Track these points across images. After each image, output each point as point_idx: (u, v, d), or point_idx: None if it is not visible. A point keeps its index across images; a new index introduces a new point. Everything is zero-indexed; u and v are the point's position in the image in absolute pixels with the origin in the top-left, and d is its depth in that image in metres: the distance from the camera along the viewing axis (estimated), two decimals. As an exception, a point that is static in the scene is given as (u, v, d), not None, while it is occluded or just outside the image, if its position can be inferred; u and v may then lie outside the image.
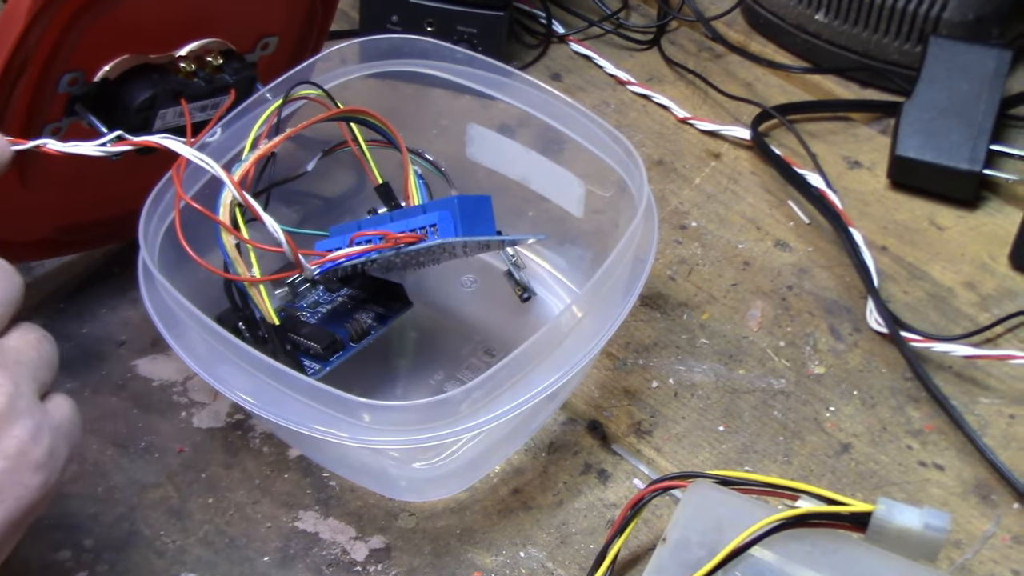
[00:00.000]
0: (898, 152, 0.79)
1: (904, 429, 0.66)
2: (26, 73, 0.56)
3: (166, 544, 0.59)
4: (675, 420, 0.66)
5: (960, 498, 0.63)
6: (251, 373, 0.54)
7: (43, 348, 0.48)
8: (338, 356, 0.62)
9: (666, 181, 0.80)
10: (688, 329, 0.71)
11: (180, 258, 0.58)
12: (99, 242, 0.71)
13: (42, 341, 0.48)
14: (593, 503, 0.62)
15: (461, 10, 0.84)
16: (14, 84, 0.56)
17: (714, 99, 0.87)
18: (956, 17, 0.84)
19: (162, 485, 0.62)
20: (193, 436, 0.64)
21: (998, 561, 0.60)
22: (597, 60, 0.89)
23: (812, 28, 0.89)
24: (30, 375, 0.46)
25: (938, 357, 0.69)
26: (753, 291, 0.73)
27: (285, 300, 0.65)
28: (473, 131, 0.71)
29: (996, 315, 0.72)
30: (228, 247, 0.57)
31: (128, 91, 0.61)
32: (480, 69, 0.67)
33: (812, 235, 0.77)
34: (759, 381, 0.68)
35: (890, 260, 0.76)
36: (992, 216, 0.79)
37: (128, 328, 0.69)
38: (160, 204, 0.60)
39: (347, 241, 0.60)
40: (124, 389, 0.66)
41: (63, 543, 0.59)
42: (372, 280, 0.66)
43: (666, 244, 0.76)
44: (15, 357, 0.46)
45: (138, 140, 0.56)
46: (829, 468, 0.64)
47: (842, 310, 0.72)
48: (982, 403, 0.67)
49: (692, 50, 0.92)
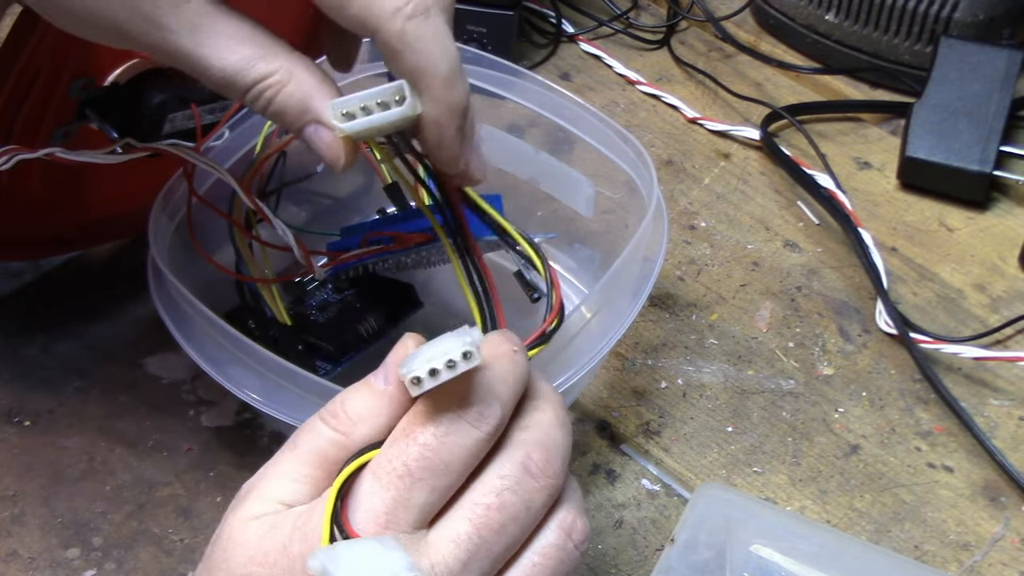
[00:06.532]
0: (908, 153, 0.79)
1: (913, 431, 0.66)
2: (38, 78, 0.56)
3: (174, 542, 0.59)
4: (683, 420, 0.66)
5: (969, 500, 0.63)
6: (260, 372, 0.54)
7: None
8: (349, 356, 0.62)
9: (675, 181, 0.80)
10: (697, 329, 0.71)
11: (189, 256, 0.58)
12: (107, 239, 0.72)
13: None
14: (601, 503, 0.62)
15: (471, 9, 0.84)
16: (27, 89, 0.56)
17: (724, 99, 0.87)
18: (967, 18, 0.83)
19: (170, 483, 0.62)
20: (202, 435, 0.64)
21: (1007, 564, 0.60)
22: (607, 60, 0.89)
23: (822, 28, 0.89)
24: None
25: (947, 359, 0.69)
26: (762, 292, 0.73)
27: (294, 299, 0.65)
28: (482, 131, 0.71)
29: (1006, 316, 0.71)
30: (241, 247, 0.57)
31: (138, 96, 0.61)
32: (489, 69, 0.67)
33: (821, 236, 0.77)
34: (768, 382, 0.68)
35: (899, 261, 0.76)
36: (1002, 217, 0.79)
37: (137, 326, 0.69)
38: (169, 202, 0.60)
39: (359, 242, 0.60)
40: (133, 387, 0.66)
41: (72, 541, 0.59)
42: (381, 280, 0.66)
43: (675, 244, 0.76)
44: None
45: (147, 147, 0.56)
46: (838, 469, 0.64)
47: (851, 311, 0.72)
48: (991, 405, 0.67)
49: (702, 50, 0.92)
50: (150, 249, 0.57)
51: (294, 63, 0.44)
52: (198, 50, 0.44)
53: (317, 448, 0.42)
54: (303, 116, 0.44)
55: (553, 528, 0.42)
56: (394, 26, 0.42)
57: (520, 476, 0.41)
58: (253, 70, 0.44)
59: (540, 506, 0.42)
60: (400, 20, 0.42)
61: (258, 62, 0.44)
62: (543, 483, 0.42)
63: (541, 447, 0.42)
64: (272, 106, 0.44)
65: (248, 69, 0.44)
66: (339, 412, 0.42)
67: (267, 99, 0.44)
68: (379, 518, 0.40)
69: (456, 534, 0.40)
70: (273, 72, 0.44)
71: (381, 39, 0.42)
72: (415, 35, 0.42)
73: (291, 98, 0.44)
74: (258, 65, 0.44)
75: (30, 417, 0.64)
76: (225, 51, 0.44)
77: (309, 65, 0.45)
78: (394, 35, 0.42)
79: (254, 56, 0.44)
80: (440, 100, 0.43)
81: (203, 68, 0.44)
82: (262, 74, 0.44)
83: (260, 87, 0.44)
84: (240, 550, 0.41)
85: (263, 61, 0.44)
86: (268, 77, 0.44)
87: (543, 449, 0.42)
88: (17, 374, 0.66)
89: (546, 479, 0.42)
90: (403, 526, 0.40)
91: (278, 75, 0.44)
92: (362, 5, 0.42)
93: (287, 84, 0.44)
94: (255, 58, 0.44)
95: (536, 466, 0.42)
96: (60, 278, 0.71)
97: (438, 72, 0.43)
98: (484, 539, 0.40)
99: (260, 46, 0.44)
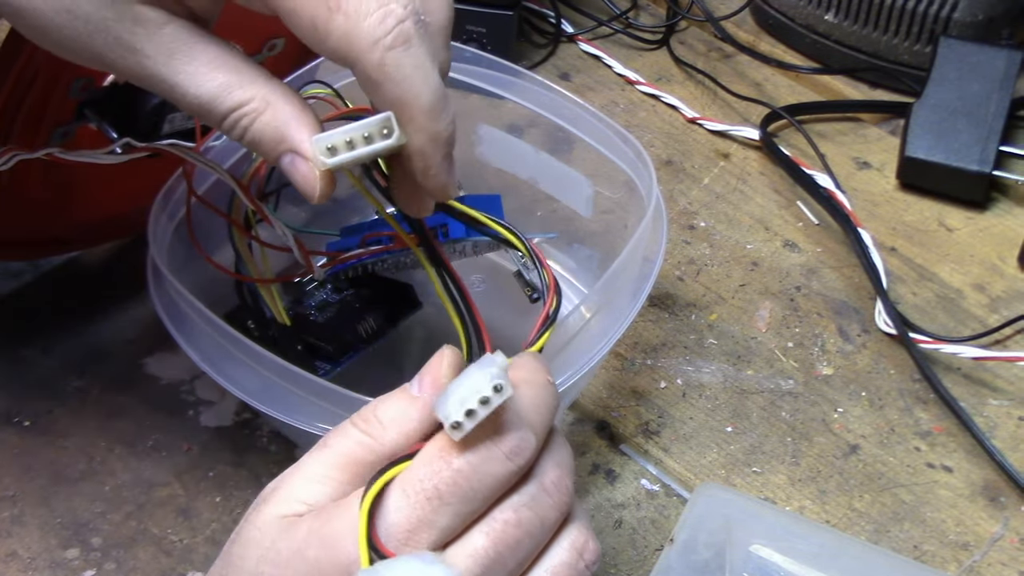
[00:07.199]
0: (907, 153, 0.79)
1: (912, 431, 0.66)
2: (38, 79, 0.56)
3: (173, 543, 0.59)
4: (683, 421, 0.66)
5: (968, 500, 0.63)
6: (259, 372, 0.54)
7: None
8: (349, 356, 0.62)
9: (675, 181, 0.80)
10: (696, 329, 0.71)
11: (188, 256, 0.58)
12: (106, 239, 0.71)
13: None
14: (601, 503, 0.62)
15: (470, 9, 0.84)
16: (26, 90, 0.56)
17: (723, 99, 0.87)
18: (966, 18, 0.83)
19: (170, 484, 0.62)
20: (201, 435, 0.64)
21: (1006, 563, 0.60)
22: (606, 60, 0.89)
23: (822, 28, 0.89)
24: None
25: (947, 359, 0.69)
26: (761, 292, 0.73)
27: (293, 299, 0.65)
28: (482, 131, 0.71)
29: (1005, 316, 0.71)
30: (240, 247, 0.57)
31: (137, 96, 0.61)
32: (489, 68, 0.67)
33: (821, 236, 0.77)
34: (767, 382, 0.68)
35: (899, 261, 0.76)
36: (1001, 217, 0.79)
37: (136, 326, 0.69)
38: (169, 203, 0.60)
39: (358, 242, 0.60)
40: (132, 387, 0.66)
41: (71, 541, 0.59)
42: (380, 280, 0.65)
43: (674, 244, 0.76)
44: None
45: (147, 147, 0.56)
46: (837, 469, 0.64)
47: (851, 311, 0.72)
48: (991, 405, 0.67)
49: (701, 50, 0.92)
50: (150, 249, 0.57)
51: (271, 91, 0.44)
52: (174, 77, 0.43)
53: (345, 450, 0.42)
54: (279, 146, 0.44)
55: (566, 547, 0.42)
56: (373, 58, 0.41)
57: (536, 492, 0.41)
58: (229, 98, 0.43)
59: (552, 523, 0.42)
60: (379, 51, 0.41)
61: (234, 90, 0.43)
62: (557, 500, 0.42)
63: (555, 464, 0.42)
64: (248, 135, 0.44)
65: (224, 97, 0.43)
66: (370, 417, 0.42)
67: (243, 127, 0.44)
68: (401, 535, 0.39)
69: (474, 548, 0.40)
70: (249, 100, 0.44)
71: (361, 71, 0.42)
72: (395, 66, 0.41)
73: (267, 127, 0.44)
74: (234, 93, 0.43)
75: (29, 417, 0.64)
76: (201, 78, 0.43)
77: (287, 93, 0.44)
78: (374, 67, 0.41)
79: (230, 83, 0.43)
80: (424, 130, 0.42)
81: (180, 95, 0.44)
82: (238, 102, 0.44)
83: (236, 115, 0.44)
84: (255, 549, 0.41)
85: (239, 89, 0.44)
86: (244, 105, 0.44)
87: (557, 466, 0.42)
88: (16, 374, 0.66)
89: (559, 496, 0.42)
90: (422, 545, 0.40)
91: (254, 103, 0.44)
92: (341, 36, 0.41)
93: (263, 113, 0.44)
94: (231, 85, 0.43)
95: (551, 483, 0.42)
96: (60, 278, 0.71)
97: (420, 103, 0.42)
98: (500, 554, 0.40)
99: (237, 73, 0.44)
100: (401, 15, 0.41)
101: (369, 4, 0.41)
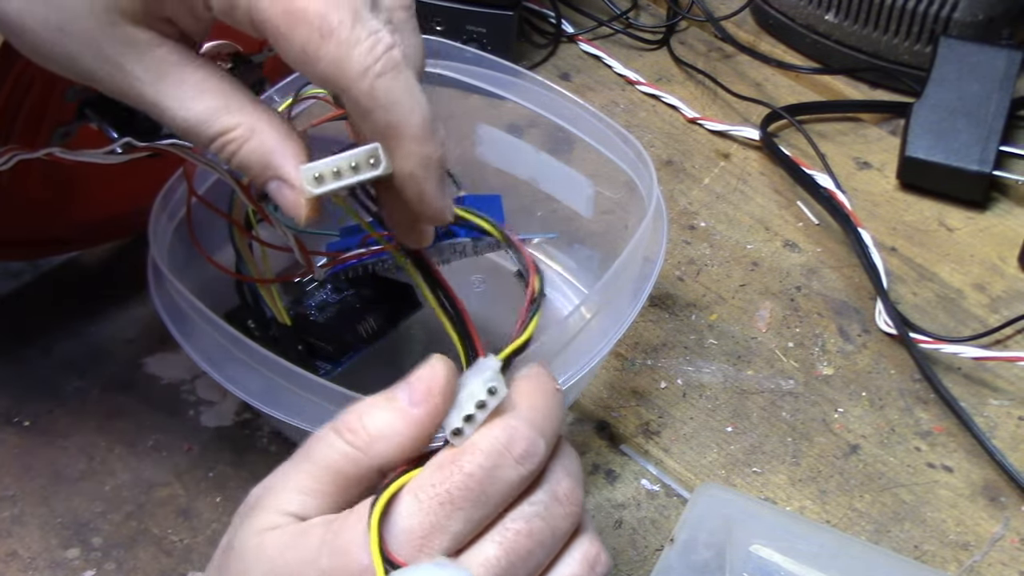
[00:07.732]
0: (908, 153, 0.79)
1: (913, 431, 0.66)
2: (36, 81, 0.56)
3: (174, 543, 0.59)
4: (683, 421, 0.66)
5: (968, 500, 0.63)
6: (260, 372, 0.54)
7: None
8: (349, 356, 0.62)
9: (675, 181, 0.80)
10: (696, 330, 0.71)
11: (189, 256, 0.58)
12: (106, 239, 0.71)
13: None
14: (601, 504, 0.62)
15: (470, 9, 0.84)
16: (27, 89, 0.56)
17: (723, 99, 0.87)
18: (966, 18, 0.83)
19: (170, 483, 0.62)
20: (201, 435, 0.64)
21: (1007, 563, 0.60)
22: (606, 60, 0.89)
23: (822, 28, 0.89)
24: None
25: (947, 359, 0.69)
26: (762, 292, 0.73)
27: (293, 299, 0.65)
28: (482, 131, 0.71)
29: (1005, 316, 0.71)
30: (241, 247, 0.57)
31: None
32: (489, 69, 0.67)
33: (821, 236, 0.77)
34: (767, 382, 0.68)
35: (899, 261, 0.76)
36: (1002, 217, 0.79)
37: (137, 326, 0.69)
38: (169, 203, 0.60)
39: (358, 242, 0.60)
40: (132, 387, 0.66)
41: (71, 541, 0.59)
42: (381, 280, 0.65)
43: (675, 244, 0.76)
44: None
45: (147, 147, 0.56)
46: (837, 469, 0.64)
47: (851, 311, 0.72)
48: (991, 405, 0.67)
49: (701, 50, 0.92)
50: (150, 249, 0.57)
51: (258, 118, 0.44)
52: (163, 99, 0.44)
53: (332, 463, 0.42)
54: (265, 172, 0.44)
55: (577, 559, 0.43)
56: (363, 85, 0.41)
57: (549, 502, 0.42)
58: (216, 123, 0.44)
59: (563, 533, 0.42)
60: (369, 79, 0.41)
61: (221, 115, 0.44)
62: (568, 510, 0.42)
63: (568, 475, 0.43)
64: (235, 160, 0.44)
65: (211, 122, 0.44)
66: (357, 427, 0.42)
67: (230, 152, 0.44)
68: (414, 541, 0.39)
69: (486, 558, 0.40)
70: (235, 126, 0.44)
71: (351, 98, 0.41)
72: (385, 92, 0.41)
73: (253, 154, 0.44)
74: (221, 118, 0.44)
75: (29, 417, 0.64)
76: (189, 102, 0.44)
77: (273, 120, 0.44)
78: (364, 94, 0.41)
79: (217, 108, 0.44)
80: (414, 155, 0.42)
81: (168, 117, 0.44)
82: (224, 127, 0.44)
83: (222, 140, 0.44)
84: (259, 565, 0.41)
85: (227, 115, 0.44)
86: (230, 131, 0.44)
87: (569, 477, 0.42)
88: (16, 374, 0.66)
89: (571, 506, 0.42)
90: (435, 551, 0.40)
91: (240, 130, 0.44)
92: (330, 63, 0.41)
93: (249, 139, 0.44)
94: (218, 110, 0.44)
95: (564, 493, 0.42)
96: (59, 278, 0.71)
97: (411, 128, 0.42)
98: (512, 564, 0.40)
99: (224, 98, 0.44)
100: (389, 43, 0.41)
101: (359, 32, 0.41)
